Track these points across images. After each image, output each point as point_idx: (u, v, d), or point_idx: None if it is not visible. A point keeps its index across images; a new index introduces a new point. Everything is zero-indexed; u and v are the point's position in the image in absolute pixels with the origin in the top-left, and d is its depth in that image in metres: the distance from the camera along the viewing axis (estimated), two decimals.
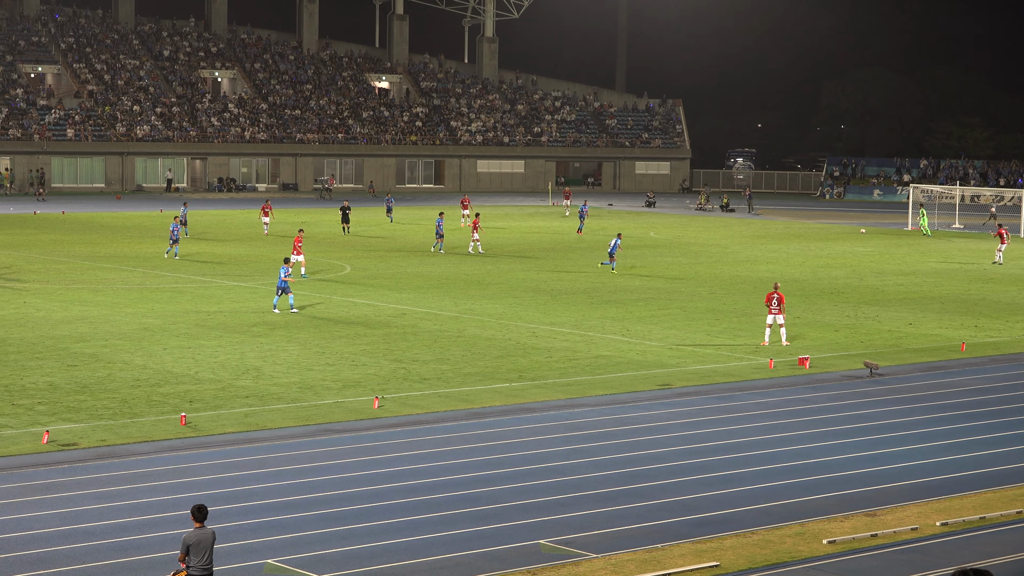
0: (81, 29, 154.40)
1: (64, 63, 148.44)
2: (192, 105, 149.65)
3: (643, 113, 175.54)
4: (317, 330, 50.91)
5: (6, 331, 49.13)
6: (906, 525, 27.92)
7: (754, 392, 41.66)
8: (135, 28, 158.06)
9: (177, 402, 37.78)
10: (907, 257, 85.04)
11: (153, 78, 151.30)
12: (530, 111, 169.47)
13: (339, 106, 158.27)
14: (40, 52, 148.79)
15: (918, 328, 54.72)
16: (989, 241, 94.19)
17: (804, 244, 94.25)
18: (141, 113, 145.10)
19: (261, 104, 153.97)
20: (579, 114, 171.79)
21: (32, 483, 29.88)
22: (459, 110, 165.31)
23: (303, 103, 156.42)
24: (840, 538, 26.96)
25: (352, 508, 28.41)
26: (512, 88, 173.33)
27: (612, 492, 29.95)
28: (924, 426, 37.08)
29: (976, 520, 28.46)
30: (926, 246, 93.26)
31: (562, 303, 60.27)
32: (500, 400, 39.56)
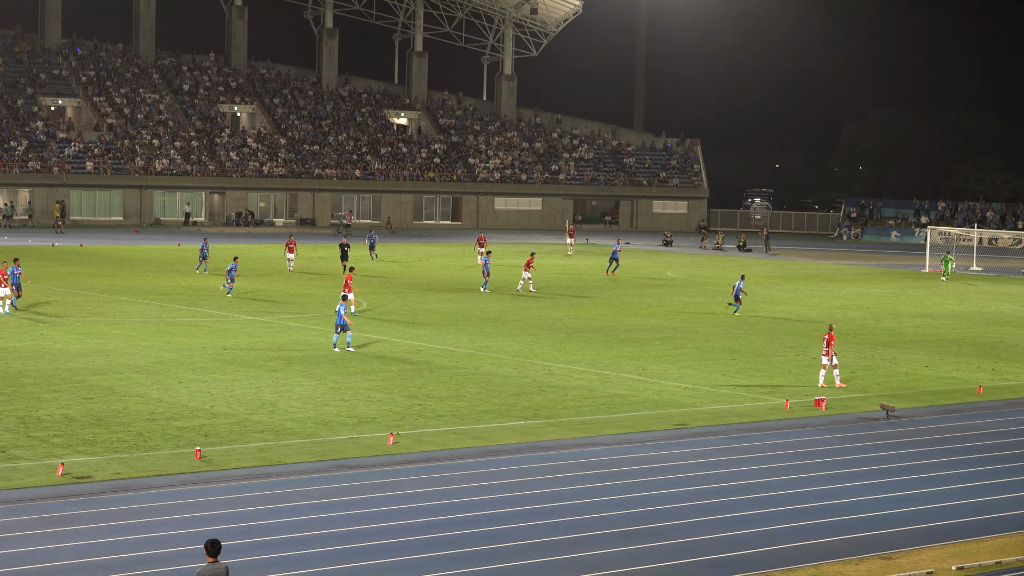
0: (101, 62, 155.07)
1: (84, 96, 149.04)
2: (211, 139, 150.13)
3: (661, 152, 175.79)
4: (333, 365, 50.90)
5: (23, 363, 49.21)
6: (922, 569, 27.81)
7: (770, 433, 41.56)
8: (155, 62, 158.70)
9: (192, 436, 37.80)
10: (924, 299, 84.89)
11: (172, 112, 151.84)
12: (548, 149, 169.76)
13: (357, 142, 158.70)
14: (60, 85, 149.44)
15: (935, 370, 54.60)
16: (1007, 283, 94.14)
17: (821, 285, 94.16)
18: (160, 147, 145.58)
19: (280, 139, 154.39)
20: (597, 152, 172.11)
21: (47, 515, 29.88)
22: (477, 147, 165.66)
23: (321, 138, 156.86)
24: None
25: (366, 544, 28.37)
26: (530, 126, 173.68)
27: (626, 532, 29.88)
28: (940, 469, 36.96)
29: (992, 564, 28.34)
30: (943, 288, 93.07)
31: (578, 341, 60.24)
32: (515, 438, 39.52)
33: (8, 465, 34.01)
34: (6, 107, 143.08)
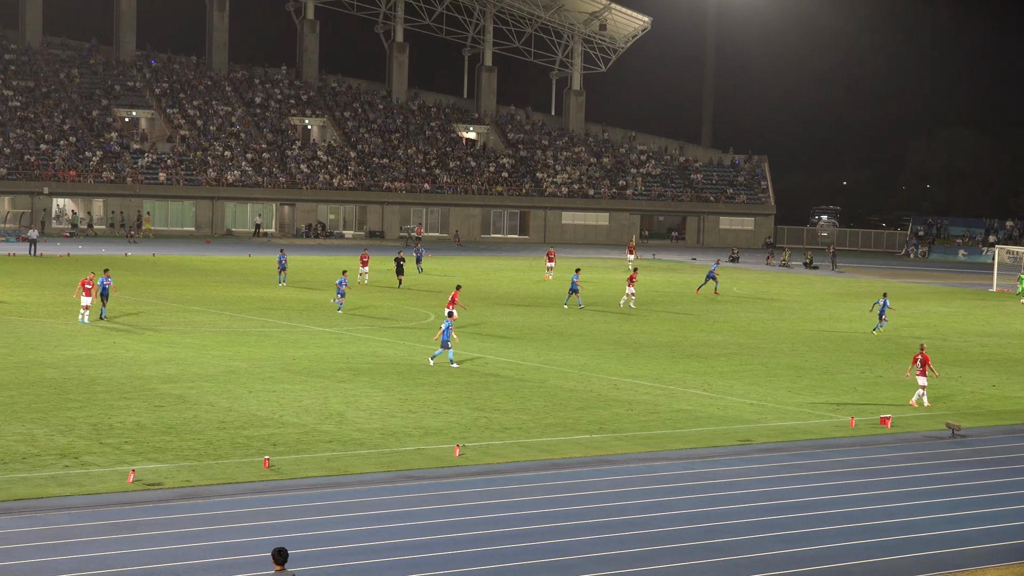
0: (175, 75, 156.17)
1: (158, 108, 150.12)
2: (282, 152, 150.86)
3: (728, 168, 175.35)
4: (400, 377, 51.02)
5: (96, 371, 49.59)
6: None
7: (834, 450, 41.37)
8: (228, 75, 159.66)
9: (261, 445, 37.98)
10: (991, 318, 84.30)
11: (244, 124, 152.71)
12: (616, 164, 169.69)
13: (426, 155, 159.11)
14: (135, 97, 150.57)
15: (1002, 390, 54.17)
16: None
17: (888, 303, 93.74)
18: (232, 158, 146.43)
19: (350, 152, 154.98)
20: (664, 168, 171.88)
21: (117, 521, 30.08)
22: (545, 162, 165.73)
23: (391, 152, 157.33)
24: None
25: (430, 555, 28.43)
26: (598, 141, 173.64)
27: (690, 547, 29.83)
28: (1005, 489, 36.70)
29: None
30: (1011, 308, 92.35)
31: (644, 356, 60.17)
32: (580, 451, 39.51)
33: (81, 471, 34.28)
34: (82, 118, 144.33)
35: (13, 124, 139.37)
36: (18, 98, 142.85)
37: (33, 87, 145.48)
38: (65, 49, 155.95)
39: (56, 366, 50.35)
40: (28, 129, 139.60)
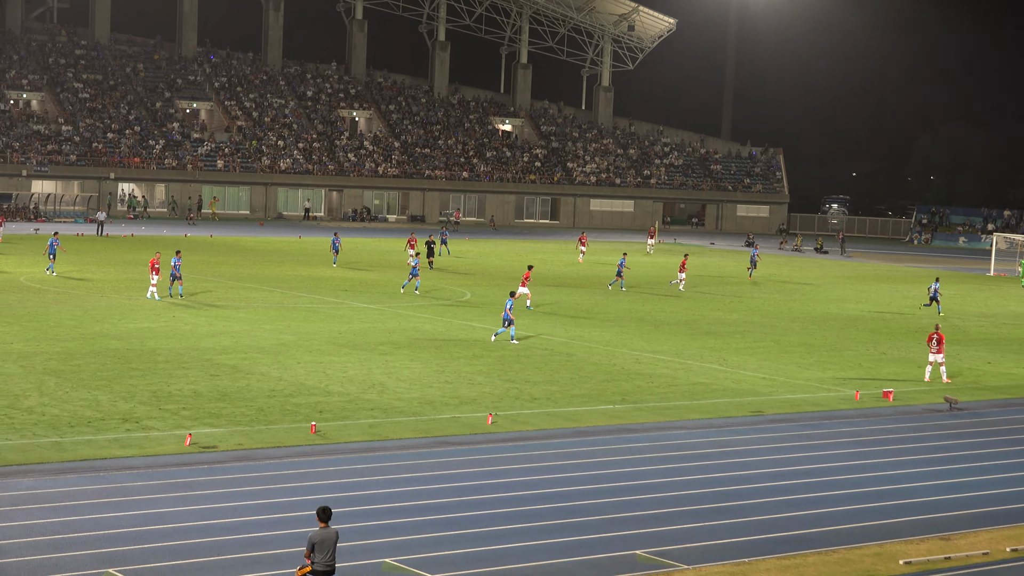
0: (233, 70, 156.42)
1: (216, 100, 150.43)
2: (331, 142, 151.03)
3: (746, 160, 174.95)
4: (438, 350, 51.13)
5: (156, 342, 49.84)
6: (978, 550, 27.61)
7: (840, 421, 41.36)
8: (282, 70, 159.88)
9: (308, 412, 38.11)
10: (989, 300, 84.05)
11: (296, 116, 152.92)
12: (641, 155, 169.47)
13: (465, 146, 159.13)
14: (195, 90, 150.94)
15: (996, 367, 54.09)
16: None
17: (892, 286, 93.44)
18: (284, 148, 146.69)
19: (394, 142, 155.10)
20: (686, 159, 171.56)
21: (175, 481, 30.26)
22: (575, 152, 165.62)
23: (432, 142, 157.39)
24: (916, 559, 26.72)
25: (464, 515, 28.51)
26: (625, 134, 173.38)
27: (704, 509, 29.87)
28: (999, 458, 36.67)
29: None
30: (1007, 291, 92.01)
31: (664, 333, 60.18)
32: (604, 420, 39.55)
33: (141, 434, 34.48)
34: (146, 109, 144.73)
35: (83, 114, 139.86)
36: (87, 90, 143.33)
37: (101, 80, 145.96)
38: (131, 45, 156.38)
39: (120, 337, 50.64)
40: (96, 119, 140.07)
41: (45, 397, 38.47)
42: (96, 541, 25.66)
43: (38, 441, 33.22)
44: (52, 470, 30.69)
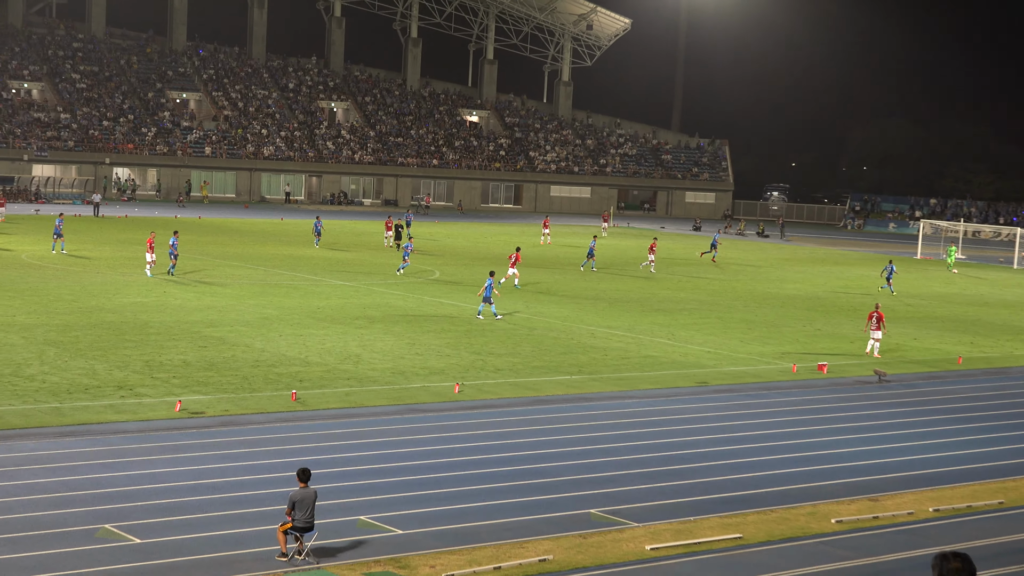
0: (220, 63, 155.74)
1: (205, 91, 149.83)
2: (311, 130, 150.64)
3: (694, 150, 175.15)
4: (409, 325, 51.18)
5: (148, 315, 49.77)
6: (903, 510, 27.94)
7: (778, 392, 41.64)
8: (265, 63, 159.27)
9: (289, 381, 38.17)
10: (915, 282, 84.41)
11: (279, 107, 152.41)
12: (597, 145, 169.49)
13: (435, 135, 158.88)
14: (185, 81, 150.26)
15: (921, 343, 54.44)
16: (987, 270, 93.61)
17: (827, 268, 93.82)
18: (268, 136, 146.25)
19: (369, 131, 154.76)
20: (639, 149, 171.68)
21: (166, 444, 30.34)
22: (537, 142, 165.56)
23: (404, 132, 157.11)
24: (846, 518, 27.02)
25: (433, 476, 28.68)
26: (583, 125, 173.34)
27: (653, 472, 30.10)
28: (923, 426, 36.99)
29: (963, 508, 28.42)
30: (932, 273, 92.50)
31: (618, 310, 60.33)
32: (562, 390, 39.72)
33: (135, 401, 34.52)
34: (139, 99, 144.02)
35: (80, 103, 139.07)
36: (84, 81, 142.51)
37: (97, 71, 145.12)
38: (125, 39, 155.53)
39: (114, 311, 50.55)
40: (92, 108, 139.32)
41: (45, 366, 38.47)
42: (93, 499, 25.75)
43: (39, 407, 33.25)
44: (52, 433, 30.75)
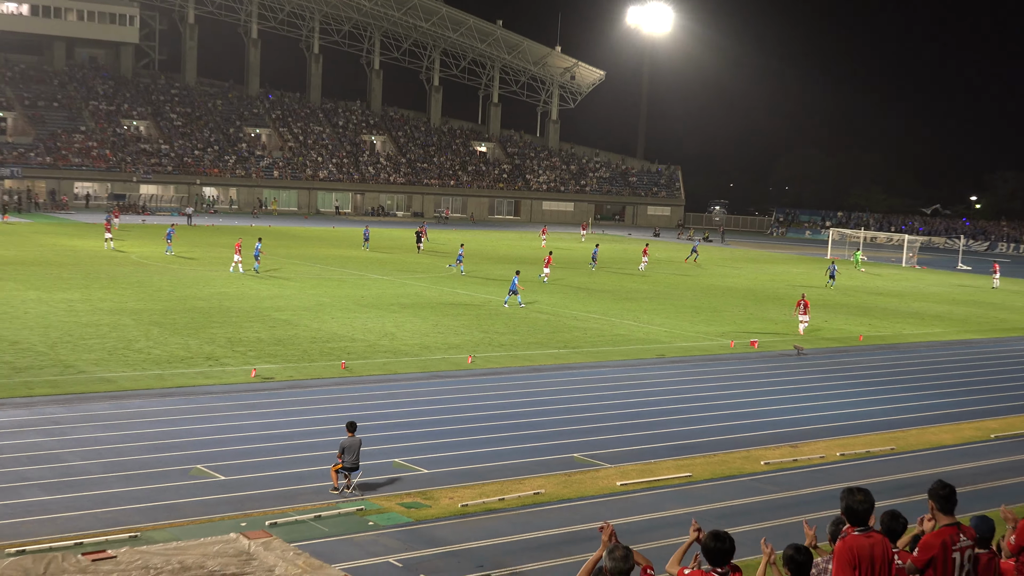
0: (285, 105, 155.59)
1: (273, 127, 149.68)
2: (356, 158, 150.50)
3: (654, 174, 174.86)
4: (433, 310, 51.26)
5: (230, 303, 49.85)
6: (817, 454, 28.02)
7: (719, 362, 41.70)
8: (320, 106, 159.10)
9: (339, 353, 38.25)
10: (825, 276, 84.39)
11: (331, 139, 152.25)
12: (579, 170, 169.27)
13: (452, 162, 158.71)
14: (258, 119, 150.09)
15: (831, 324, 54.48)
16: (881, 267, 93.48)
17: (758, 265, 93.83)
18: (322, 162, 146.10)
19: (401, 159, 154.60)
20: (611, 173, 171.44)
21: (243, 403, 30.39)
22: (532, 168, 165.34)
23: (429, 159, 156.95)
24: (772, 461, 27.11)
25: (450, 428, 28.78)
26: (567, 154, 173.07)
27: (622, 424, 30.18)
28: (832, 389, 37.05)
29: (863, 453, 28.50)
30: (840, 270, 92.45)
31: (595, 298, 60.36)
32: (551, 360, 39.77)
33: (220, 369, 34.61)
34: (222, 134, 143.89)
35: (176, 137, 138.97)
36: (180, 119, 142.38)
37: (190, 112, 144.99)
38: (211, 87, 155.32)
39: (204, 299, 50.65)
40: (186, 141, 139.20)
41: (150, 342, 38.57)
42: (187, 445, 25.85)
43: (145, 373, 33.35)
44: (155, 394, 30.85)
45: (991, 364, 44.86)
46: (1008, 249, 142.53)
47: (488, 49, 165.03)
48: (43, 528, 20.08)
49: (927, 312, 62.48)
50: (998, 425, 32.58)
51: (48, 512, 20.96)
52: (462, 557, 19.74)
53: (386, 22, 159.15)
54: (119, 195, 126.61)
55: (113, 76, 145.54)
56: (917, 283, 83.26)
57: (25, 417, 27.52)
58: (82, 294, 49.87)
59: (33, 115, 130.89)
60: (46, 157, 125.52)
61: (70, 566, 18.24)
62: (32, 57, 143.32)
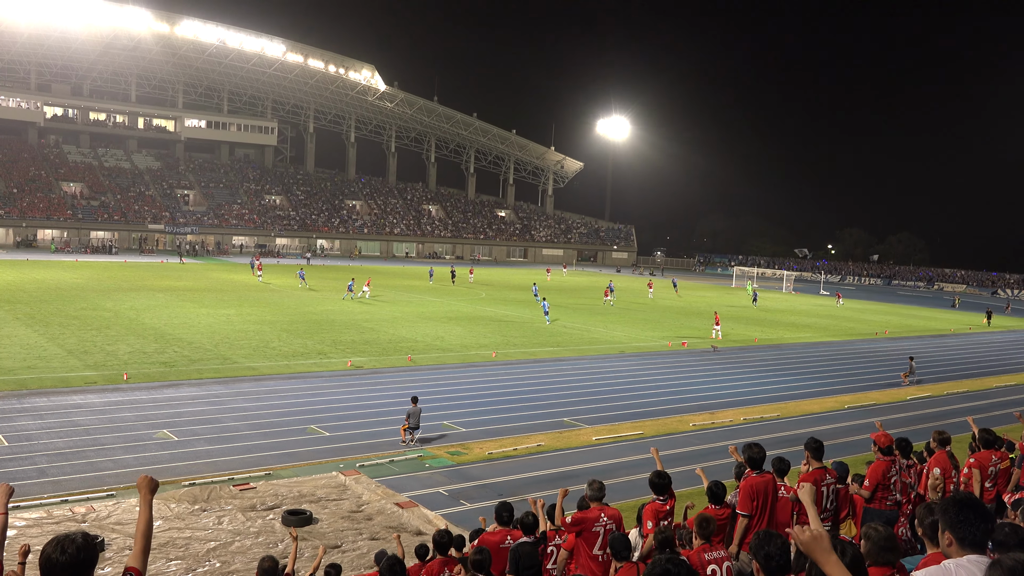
0: (373, 185, 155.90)
1: (364, 200, 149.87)
2: (418, 220, 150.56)
3: (616, 230, 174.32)
4: (470, 322, 51.01)
5: (334, 316, 49.69)
6: (727, 419, 27.65)
7: (661, 356, 41.28)
8: (395, 185, 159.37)
9: (406, 350, 38.02)
10: (734, 300, 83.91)
11: (402, 208, 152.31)
12: (567, 228, 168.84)
13: (482, 223, 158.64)
14: (354, 195, 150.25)
15: (736, 331, 53.98)
16: (771, 293, 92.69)
17: (686, 291, 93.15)
18: (396, 223, 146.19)
19: (448, 221, 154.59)
20: (588, 230, 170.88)
21: (344, 383, 30.16)
22: (535, 227, 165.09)
23: (467, 221, 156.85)
24: (697, 423, 26.72)
25: (480, 400, 28.50)
26: (559, 218, 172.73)
27: (595, 397, 29.86)
28: (737, 374, 36.69)
29: (758, 418, 28.11)
30: (741, 295, 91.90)
31: (578, 313, 60.02)
32: (549, 355, 39.45)
33: (326, 360, 34.42)
34: (330, 204, 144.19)
35: (300, 207, 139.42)
36: (302, 195, 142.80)
37: (309, 190, 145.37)
38: (323, 173, 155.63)
39: (316, 314, 50.56)
40: (307, 209, 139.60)
41: (281, 342, 38.44)
42: (304, 412, 25.67)
43: (277, 363, 33.21)
44: (283, 377, 30.67)
45: (844, 357, 44.40)
46: (853, 280, 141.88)
47: (506, 148, 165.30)
48: (207, 468, 19.92)
49: (800, 323, 61.96)
50: (850, 399, 32.17)
51: (211, 457, 20.81)
52: (488, 488, 19.49)
53: (439, 131, 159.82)
54: (261, 245, 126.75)
55: (259, 167, 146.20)
56: (792, 303, 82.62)
57: (196, 393, 27.41)
58: (236, 310, 49.86)
59: (207, 192, 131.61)
60: (214, 219, 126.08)
61: (225, 494, 18.05)
62: (206, 154, 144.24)
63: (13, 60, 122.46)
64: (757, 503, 10.23)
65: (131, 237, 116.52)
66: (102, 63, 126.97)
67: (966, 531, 4.78)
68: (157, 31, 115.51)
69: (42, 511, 16.31)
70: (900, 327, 61.89)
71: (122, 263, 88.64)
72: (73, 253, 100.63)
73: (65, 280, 63.59)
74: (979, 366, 43.06)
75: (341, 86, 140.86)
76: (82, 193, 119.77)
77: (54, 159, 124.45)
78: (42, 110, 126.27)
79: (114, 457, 20.35)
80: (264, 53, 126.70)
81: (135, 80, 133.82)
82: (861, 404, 31.32)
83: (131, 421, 23.56)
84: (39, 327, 38.82)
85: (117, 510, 16.46)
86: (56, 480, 18.54)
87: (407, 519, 16.68)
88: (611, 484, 18.12)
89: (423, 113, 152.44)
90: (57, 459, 20.03)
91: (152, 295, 55.91)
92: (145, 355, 33.23)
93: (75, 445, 21.15)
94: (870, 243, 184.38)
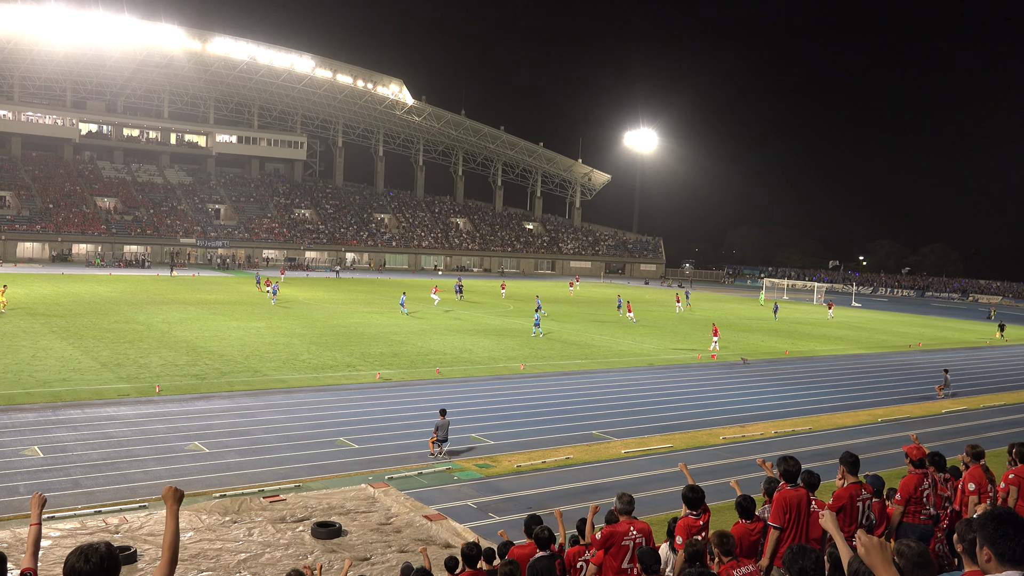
0: (400, 199, 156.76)
1: (392, 213, 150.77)
2: (447, 233, 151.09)
3: (644, 242, 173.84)
4: (497, 335, 51.03)
5: (363, 329, 49.92)
6: (758, 432, 27.39)
7: (690, 369, 41.05)
8: (423, 199, 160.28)
9: (435, 362, 38.11)
10: (761, 311, 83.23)
11: (430, 221, 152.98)
12: (594, 240, 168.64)
13: (510, 236, 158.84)
14: (382, 208, 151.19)
15: (766, 343, 53.56)
16: (799, 304, 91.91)
17: (715, 303, 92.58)
18: (424, 236, 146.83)
19: (476, 234, 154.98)
20: (616, 242, 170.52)
21: (373, 395, 30.26)
22: (563, 239, 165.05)
23: (495, 235, 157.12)
24: (728, 436, 26.51)
25: (508, 412, 28.45)
26: (587, 230, 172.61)
27: (624, 410, 29.71)
28: (768, 387, 36.29)
29: (790, 431, 27.81)
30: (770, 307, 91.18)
31: (606, 327, 59.84)
32: (577, 367, 39.36)
33: (355, 372, 34.57)
34: (359, 217, 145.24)
35: (328, 220, 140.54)
36: (331, 209, 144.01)
37: (338, 204, 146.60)
38: (352, 187, 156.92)
39: (346, 327, 50.82)
40: (335, 223, 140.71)
41: (310, 355, 38.70)
42: (333, 424, 25.77)
43: (306, 375, 33.41)
44: (312, 390, 30.85)
45: (877, 370, 43.84)
46: (886, 292, 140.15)
47: (533, 161, 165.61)
48: (237, 480, 20.06)
49: (831, 335, 61.28)
50: (883, 412, 31.73)
51: (241, 469, 20.95)
52: (517, 501, 19.42)
53: (466, 144, 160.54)
54: (291, 258, 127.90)
55: (288, 181, 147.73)
56: (823, 315, 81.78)
57: (227, 405, 27.64)
58: (266, 323, 50.27)
59: (237, 207, 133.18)
60: (245, 233, 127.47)
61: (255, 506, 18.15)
62: (237, 169, 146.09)
63: (50, 79, 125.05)
64: (790, 516, 10.11)
65: (163, 251, 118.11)
66: (135, 80, 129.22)
67: (1005, 546, 4.69)
68: (189, 48, 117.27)
69: (76, 522, 16.52)
70: (934, 339, 60.99)
71: (155, 276, 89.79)
72: (107, 267, 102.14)
73: (99, 294, 64.57)
74: (1017, 379, 42.29)
75: (369, 100, 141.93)
76: (115, 208, 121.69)
77: (89, 175, 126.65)
78: (77, 127, 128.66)
79: (146, 468, 20.56)
80: (293, 69, 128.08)
81: (167, 97, 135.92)
82: (894, 417, 30.86)
83: (163, 433, 23.81)
84: (74, 340, 39.44)
85: (149, 521, 16.63)
86: (90, 491, 18.77)
87: (436, 531, 16.67)
88: (640, 497, 18.01)
89: (450, 127, 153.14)
90: (91, 470, 20.29)
91: (183, 308, 56.57)
92: (177, 368, 33.60)
93: (108, 457, 21.41)
94: (903, 254, 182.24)
